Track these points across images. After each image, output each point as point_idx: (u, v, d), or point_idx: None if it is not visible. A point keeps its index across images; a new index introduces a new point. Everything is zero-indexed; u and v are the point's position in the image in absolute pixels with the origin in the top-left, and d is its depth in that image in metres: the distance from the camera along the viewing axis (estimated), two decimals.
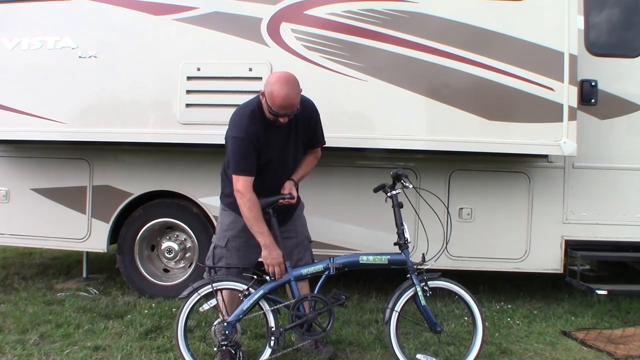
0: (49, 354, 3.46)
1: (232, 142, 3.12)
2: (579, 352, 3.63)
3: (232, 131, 3.13)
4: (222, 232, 3.34)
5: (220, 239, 3.34)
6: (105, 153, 4.73)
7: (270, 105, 3.03)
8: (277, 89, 3.00)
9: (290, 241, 3.37)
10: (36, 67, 4.45)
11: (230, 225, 3.32)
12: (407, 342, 3.66)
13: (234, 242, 3.31)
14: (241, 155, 3.11)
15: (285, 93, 3.00)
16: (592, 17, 4.33)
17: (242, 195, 3.10)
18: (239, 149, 3.11)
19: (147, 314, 4.22)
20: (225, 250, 3.31)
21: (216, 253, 3.33)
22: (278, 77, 3.06)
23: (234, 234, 3.31)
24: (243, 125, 3.11)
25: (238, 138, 3.10)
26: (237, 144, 3.10)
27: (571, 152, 3.97)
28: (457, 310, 4.32)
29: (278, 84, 3.01)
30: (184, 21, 4.29)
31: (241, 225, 3.27)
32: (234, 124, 3.15)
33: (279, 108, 3.02)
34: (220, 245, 3.33)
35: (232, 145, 3.12)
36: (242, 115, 3.15)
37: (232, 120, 3.19)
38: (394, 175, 3.23)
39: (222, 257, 3.31)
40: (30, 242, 4.94)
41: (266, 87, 3.06)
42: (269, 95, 3.02)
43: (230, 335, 3.11)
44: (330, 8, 4.14)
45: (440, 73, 4.05)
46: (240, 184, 3.10)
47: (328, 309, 3.20)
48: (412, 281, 3.16)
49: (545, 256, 4.42)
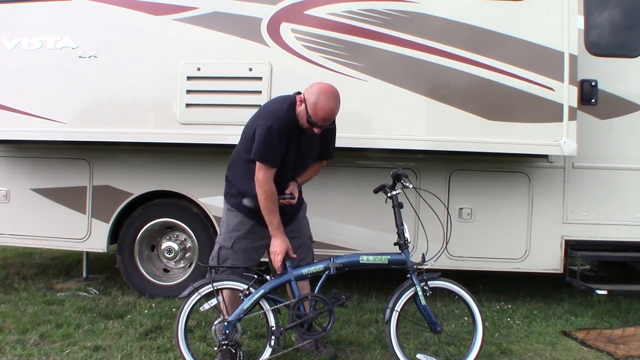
0: (49, 354, 3.46)
1: (266, 130, 3.06)
2: (579, 352, 3.63)
3: (268, 120, 3.08)
4: (228, 232, 3.32)
5: (226, 240, 3.31)
6: (105, 153, 4.73)
7: (311, 114, 3.05)
8: (324, 100, 3.04)
9: (295, 241, 3.37)
10: (36, 67, 4.45)
11: (237, 227, 3.30)
12: (407, 342, 3.66)
13: (240, 243, 3.29)
14: (272, 145, 3.09)
15: (330, 107, 3.05)
16: (592, 17, 4.34)
17: (262, 185, 3.10)
18: (270, 138, 3.07)
19: (147, 314, 4.21)
20: (231, 252, 3.29)
21: (222, 254, 3.31)
22: (325, 89, 3.08)
23: (240, 235, 3.29)
24: (281, 118, 3.09)
25: (273, 128, 3.06)
26: (271, 133, 3.06)
27: (571, 152, 3.97)
28: (457, 310, 4.32)
29: (325, 95, 3.05)
30: (184, 21, 4.29)
31: (248, 227, 3.28)
32: (271, 114, 3.12)
33: (320, 119, 3.06)
34: (226, 246, 3.31)
35: (265, 133, 3.06)
36: (280, 109, 3.13)
37: (268, 110, 3.19)
38: (394, 175, 3.24)
39: (227, 258, 3.30)
40: (30, 242, 4.93)
41: (310, 96, 3.07)
42: (313, 105, 3.04)
43: (230, 335, 3.10)
44: (330, 8, 4.14)
45: (440, 73, 4.05)
46: (262, 174, 3.10)
47: (328, 309, 3.20)
48: (412, 281, 3.17)
49: (545, 256, 4.42)
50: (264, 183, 3.11)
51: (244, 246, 3.30)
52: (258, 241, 3.31)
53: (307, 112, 3.06)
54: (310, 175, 3.46)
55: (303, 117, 3.10)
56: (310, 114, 3.05)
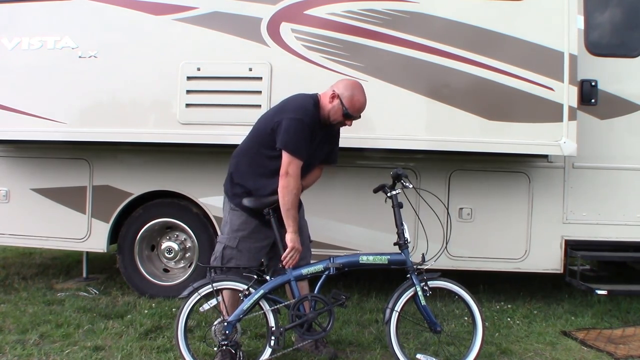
0: (49, 354, 3.46)
1: (298, 123, 3.12)
2: (579, 352, 3.63)
3: (297, 114, 3.15)
4: (233, 232, 3.31)
5: (230, 240, 3.31)
6: (105, 153, 4.73)
7: (348, 107, 3.20)
8: (359, 94, 3.24)
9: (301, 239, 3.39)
10: (36, 67, 4.45)
11: (242, 226, 3.30)
12: (407, 342, 3.66)
13: (244, 243, 3.29)
14: (303, 138, 3.14)
15: (364, 99, 3.26)
16: (592, 17, 4.34)
17: (291, 179, 3.12)
18: (302, 132, 3.13)
19: (147, 314, 4.21)
20: (236, 251, 3.29)
21: (226, 254, 3.30)
22: (356, 84, 3.30)
23: (244, 235, 3.29)
24: (309, 114, 3.18)
25: (304, 122, 3.14)
26: (302, 126, 3.13)
27: (571, 152, 3.97)
28: (457, 310, 4.32)
29: (358, 89, 3.25)
30: (184, 21, 4.29)
31: (252, 226, 3.28)
32: (299, 108, 3.18)
33: (356, 111, 3.24)
34: (230, 246, 3.30)
35: (297, 127, 3.12)
36: (307, 105, 3.21)
37: (295, 104, 3.22)
38: (394, 175, 3.25)
39: (232, 257, 3.29)
40: (30, 242, 4.93)
41: (344, 90, 3.22)
42: (350, 98, 3.20)
43: (230, 335, 3.10)
44: (330, 8, 4.14)
45: (440, 73, 4.05)
46: (294, 167, 3.12)
47: (328, 309, 3.20)
48: (412, 281, 3.17)
49: (545, 256, 4.42)
50: (295, 177, 3.13)
51: (249, 246, 3.30)
52: (262, 241, 3.32)
53: (344, 106, 3.19)
54: (310, 182, 3.47)
55: (337, 111, 3.21)
56: (347, 107, 3.20)
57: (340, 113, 3.21)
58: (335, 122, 3.27)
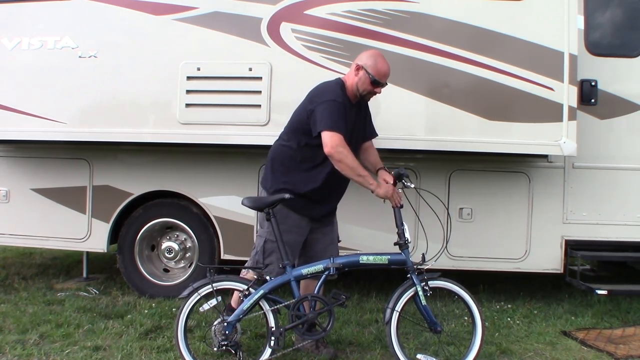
0: (49, 354, 3.46)
1: (330, 104, 3.19)
2: (579, 352, 3.63)
3: (329, 97, 3.21)
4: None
5: (271, 234, 3.29)
6: (105, 153, 4.73)
7: (375, 74, 3.28)
8: (381, 60, 3.33)
9: (327, 237, 3.46)
10: (36, 67, 4.45)
11: (282, 220, 3.28)
12: (407, 342, 3.66)
13: (285, 237, 3.28)
14: (338, 115, 3.18)
15: (388, 64, 3.35)
16: (592, 17, 4.33)
17: (342, 149, 3.13)
18: (336, 110, 3.18)
19: (147, 314, 4.21)
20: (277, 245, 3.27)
21: (267, 247, 3.30)
22: (376, 53, 3.41)
23: (285, 229, 3.28)
24: (339, 93, 3.25)
25: (336, 102, 3.20)
26: (335, 106, 3.19)
27: (571, 152, 3.96)
28: (457, 310, 4.32)
29: (379, 56, 3.35)
30: (184, 21, 4.29)
31: (293, 220, 3.30)
32: (329, 90, 3.27)
33: (382, 76, 3.32)
34: (271, 239, 3.28)
35: (330, 107, 3.18)
36: (335, 89, 3.29)
37: (324, 90, 3.30)
38: (395, 175, 3.24)
39: (273, 251, 3.29)
40: (30, 242, 4.93)
41: (367, 60, 3.31)
42: (375, 65, 3.29)
43: (230, 335, 3.10)
44: (330, 8, 4.14)
45: (440, 73, 4.05)
46: (336, 139, 3.13)
47: (328, 309, 3.20)
48: (413, 281, 3.17)
49: (546, 256, 4.42)
50: (338, 146, 3.13)
51: (288, 239, 3.29)
52: (301, 236, 3.36)
53: (370, 74, 3.27)
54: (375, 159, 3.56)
55: (365, 81, 3.30)
56: (374, 74, 3.28)
57: (369, 82, 3.28)
58: (365, 93, 3.34)
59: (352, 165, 3.16)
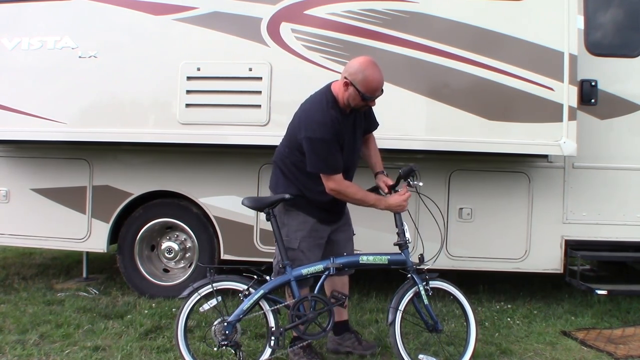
0: (49, 354, 3.46)
1: (318, 144, 3.03)
2: (579, 352, 3.63)
3: (316, 132, 3.02)
4: (292, 233, 3.26)
5: (291, 242, 3.24)
6: (105, 153, 4.73)
7: (365, 91, 3.01)
8: (372, 72, 3.01)
9: (345, 234, 3.45)
10: (36, 67, 4.45)
11: (300, 226, 3.26)
12: (407, 343, 3.65)
13: (305, 243, 3.26)
14: (332, 156, 3.07)
15: (379, 75, 3.04)
16: (592, 17, 4.33)
17: (342, 189, 3.11)
18: (326, 149, 3.05)
19: (147, 314, 4.22)
20: (298, 252, 3.25)
21: (289, 256, 3.23)
22: (366, 62, 3.04)
23: (304, 234, 3.26)
24: (328, 126, 3.04)
25: (326, 140, 3.03)
26: (324, 145, 3.03)
27: (571, 152, 3.97)
28: (457, 311, 4.31)
29: (370, 68, 3.02)
30: (184, 21, 4.29)
31: (310, 225, 3.26)
32: (319, 125, 3.04)
33: (373, 91, 3.05)
34: (292, 247, 3.24)
35: (321, 147, 3.03)
36: (324, 115, 3.06)
37: (312, 118, 3.08)
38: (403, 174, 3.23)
39: (295, 259, 3.24)
40: (30, 242, 4.93)
41: (355, 75, 3.01)
42: (364, 80, 2.99)
43: (230, 335, 3.10)
44: (330, 8, 4.14)
45: (440, 73, 4.05)
46: (335, 183, 3.09)
47: (328, 309, 3.20)
48: (414, 281, 3.17)
49: (545, 256, 4.41)
50: (342, 186, 3.11)
51: (308, 245, 3.27)
52: (321, 239, 3.32)
53: (359, 92, 3.02)
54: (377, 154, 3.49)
55: (355, 98, 3.05)
56: (364, 91, 3.01)
57: (359, 99, 3.04)
58: (359, 107, 3.13)
59: (357, 198, 3.16)
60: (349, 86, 3.05)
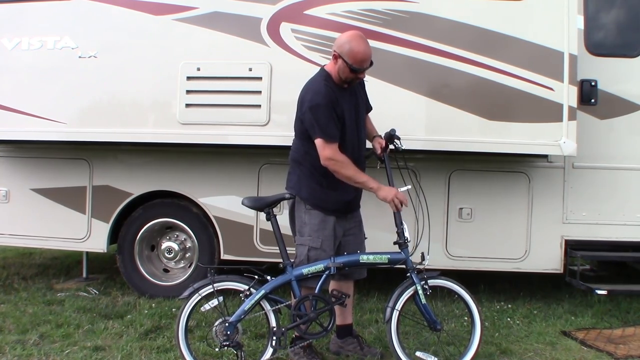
0: (49, 354, 3.46)
1: (316, 110, 3.12)
2: (579, 352, 3.63)
3: (313, 100, 3.14)
4: (314, 232, 3.25)
5: (314, 241, 3.25)
6: (105, 153, 4.73)
7: (351, 62, 3.10)
8: (357, 44, 3.11)
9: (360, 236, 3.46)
10: (36, 67, 4.45)
11: (321, 225, 3.25)
12: (406, 342, 3.66)
13: (328, 241, 3.26)
14: (327, 122, 3.12)
15: (364, 46, 3.12)
16: (592, 17, 4.33)
17: (336, 160, 3.12)
18: (321, 114, 3.12)
19: (147, 314, 4.21)
20: (321, 251, 3.24)
21: (311, 255, 3.23)
22: (352, 35, 3.17)
23: (327, 233, 3.26)
24: (322, 93, 3.14)
25: (321, 105, 3.12)
26: (321, 111, 3.12)
27: (571, 152, 3.97)
28: (457, 310, 4.32)
29: (355, 40, 3.13)
30: (184, 21, 4.29)
31: (331, 223, 3.26)
32: (313, 93, 3.16)
33: (360, 63, 3.11)
34: (314, 247, 3.24)
35: (316, 114, 3.12)
36: (319, 85, 3.18)
37: (309, 90, 3.21)
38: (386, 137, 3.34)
39: (317, 258, 3.24)
40: (30, 242, 4.93)
41: (342, 47, 3.12)
42: (349, 52, 3.09)
43: (231, 336, 3.10)
44: (330, 8, 4.14)
45: (440, 73, 4.05)
46: (330, 151, 3.12)
47: (329, 309, 3.21)
48: (412, 280, 3.17)
49: (545, 256, 4.42)
50: (337, 155, 3.12)
51: (331, 243, 3.27)
52: (340, 238, 3.34)
53: (347, 63, 3.10)
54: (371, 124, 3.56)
55: (345, 70, 3.14)
56: (351, 62, 3.10)
57: (348, 70, 3.13)
58: (349, 80, 3.20)
59: (348, 174, 3.14)
60: (337, 59, 3.15)
